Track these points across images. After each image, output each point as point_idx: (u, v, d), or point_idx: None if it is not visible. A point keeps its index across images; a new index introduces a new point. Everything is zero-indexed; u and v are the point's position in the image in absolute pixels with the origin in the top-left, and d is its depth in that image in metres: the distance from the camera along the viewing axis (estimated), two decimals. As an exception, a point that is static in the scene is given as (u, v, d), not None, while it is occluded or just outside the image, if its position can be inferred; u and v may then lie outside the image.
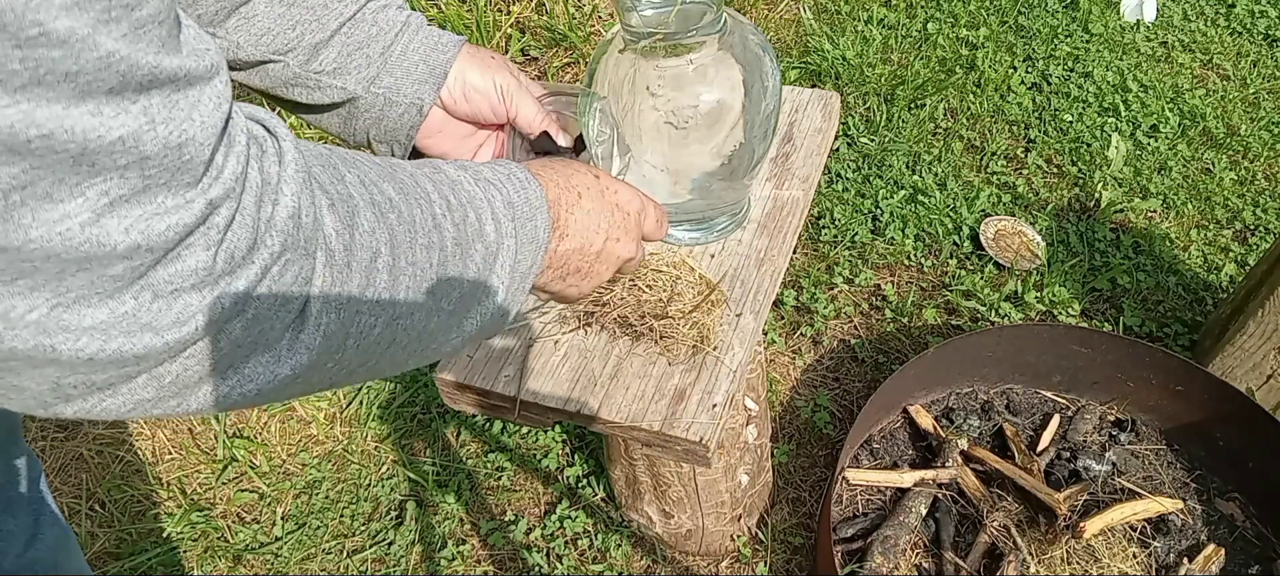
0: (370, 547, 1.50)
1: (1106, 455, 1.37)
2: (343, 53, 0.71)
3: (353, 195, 0.43)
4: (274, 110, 0.50)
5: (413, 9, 0.76)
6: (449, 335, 0.53)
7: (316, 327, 0.40)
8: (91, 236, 0.30)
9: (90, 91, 0.28)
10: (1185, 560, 1.25)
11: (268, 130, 0.39)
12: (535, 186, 0.58)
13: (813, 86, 1.61)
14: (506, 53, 2.30)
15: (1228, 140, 2.03)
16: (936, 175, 1.99)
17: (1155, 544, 1.26)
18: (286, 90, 0.72)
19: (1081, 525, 1.23)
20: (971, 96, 2.18)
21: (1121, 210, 1.90)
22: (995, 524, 1.27)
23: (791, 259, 1.68)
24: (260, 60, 0.69)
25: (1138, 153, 2.03)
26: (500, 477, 1.57)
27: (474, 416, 1.64)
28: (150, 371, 0.35)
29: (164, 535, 1.54)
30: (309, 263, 0.39)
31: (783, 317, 1.76)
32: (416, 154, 0.78)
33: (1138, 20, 2.38)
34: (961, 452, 1.36)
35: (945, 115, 2.16)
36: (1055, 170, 2.02)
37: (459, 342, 0.54)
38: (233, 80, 0.58)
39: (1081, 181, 1.98)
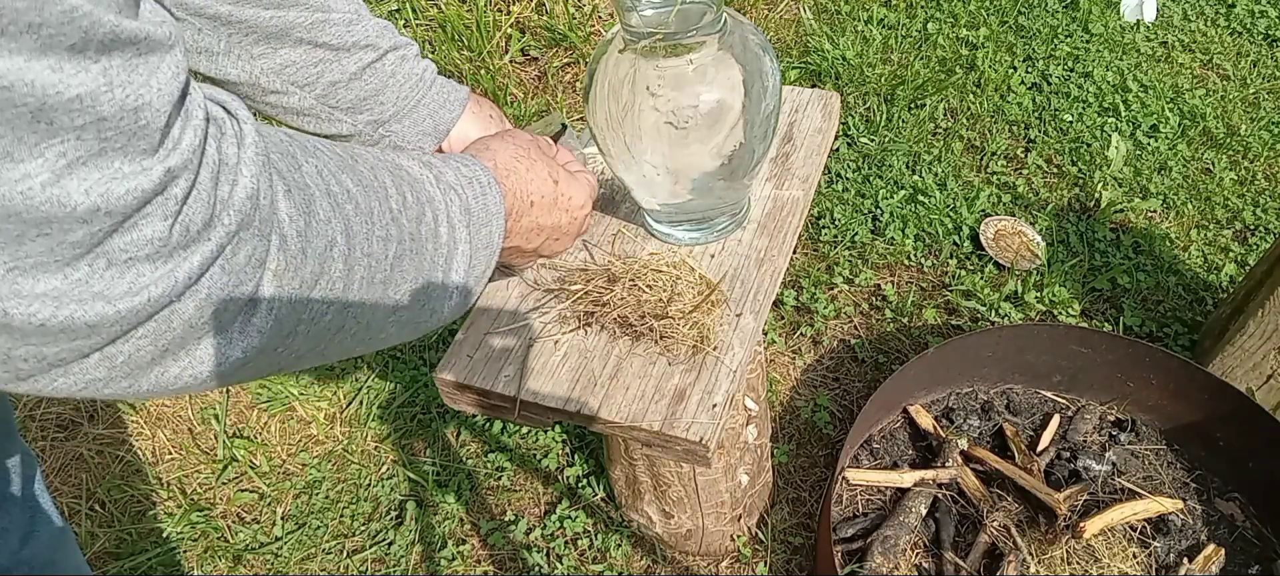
0: (370, 547, 1.50)
1: (1106, 455, 1.37)
2: (359, 95, 0.76)
3: (309, 184, 0.43)
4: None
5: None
6: (399, 327, 0.54)
7: (269, 312, 0.41)
8: (52, 196, 0.30)
9: (51, 46, 0.28)
10: (1185, 560, 1.25)
11: (227, 111, 0.39)
12: (495, 193, 0.60)
13: (813, 86, 1.61)
14: (506, 53, 2.30)
15: (1228, 140, 2.03)
16: (936, 175, 1.99)
17: (1155, 544, 1.26)
18: (295, 119, 0.76)
19: (1081, 525, 1.23)
20: (971, 96, 2.18)
21: (1121, 210, 1.90)
22: (995, 524, 1.27)
23: (791, 259, 1.68)
24: (275, 90, 0.73)
25: (1138, 153, 2.03)
26: (500, 477, 1.57)
27: (474, 416, 1.64)
28: (102, 350, 0.35)
29: (164, 535, 1.54)
30: (263, 245, 0.39)
31: (783, 317, 1.76)
32: None
33: (1138, 20, 2.38)
34: (961, 452, 1.36)
35: (945, 115, 2.16)
36: (1055, 170, 2.02)
37: (407, 335, 0.56)
38: (250, 107, 0.61)
39: (1081, 181, 1.98)
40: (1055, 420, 1.42)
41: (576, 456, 1.57)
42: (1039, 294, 1.74)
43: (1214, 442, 1.35)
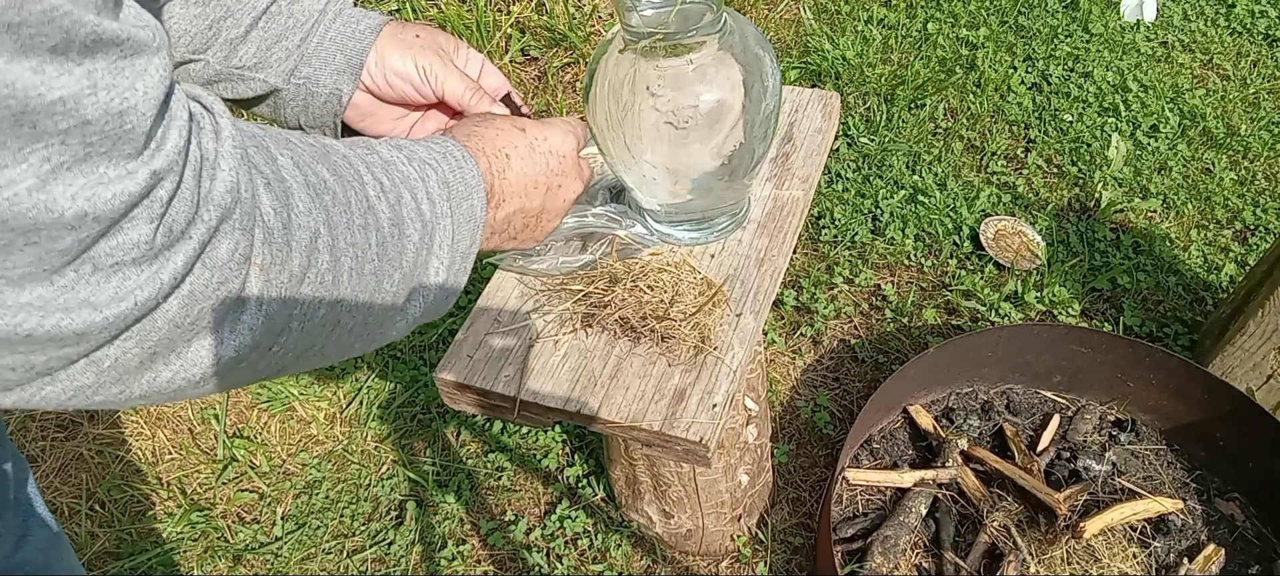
0: (370, 547, 1.50)
1: (1106, 455, 1.37)
2: (261, 47, 0.71)
3: (286, 177, 0.42)
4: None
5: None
6: (393, 318, 0.53)
7: (259, 308, 0.40)
8: (39, 202, 0.29)
9: (32, 47, 0.28)
10: (1185, 560, 1.25)
11: (204, 106, 0.39)
12: (470, 164, 0.58)
13: (813, 86, 1.61)
14: (506, 53, 2.31)
15: (1228, 140, 2.03)
16: (936, 175, 1.99)
17: (1155, 544, 1.26)
18: (211, 88, 0.72)
19: (1081, 525, 1.23)
20: (971, 96, 2.18)
21: (1121, 210, 1.90)
22: (995, 524, 1.27)
23: (791, 259, 1.68)
24: (181, 61, 0.70)
25: (1138, 153, 2.03)
26: (500, 477, 1.57)
27: (474, 416, 1.64)
28: (89, 356, 0.34)
29: (164, 535, 1.54)
30: (247, 239, 0.38)
31: (783, 318, 1.76)
32: (350, 134, 0.78)
33: (1138, 20, 2.38)
34: (961, 452, 1.36)
35: (945, 115, 2.16)
36: (1055, 170, 2.02)
37: (403, 326, 0.54)
38: None
39: (1081, 181, 1.98)
40: (1055, 420, 1.42)
41: (576, 456, 1.57)
42: (1039, 294, 1.74)
43: (1214, 442, 1.35)
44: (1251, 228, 1.86)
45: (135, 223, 0.33)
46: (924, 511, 1.31)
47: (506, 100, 0.82)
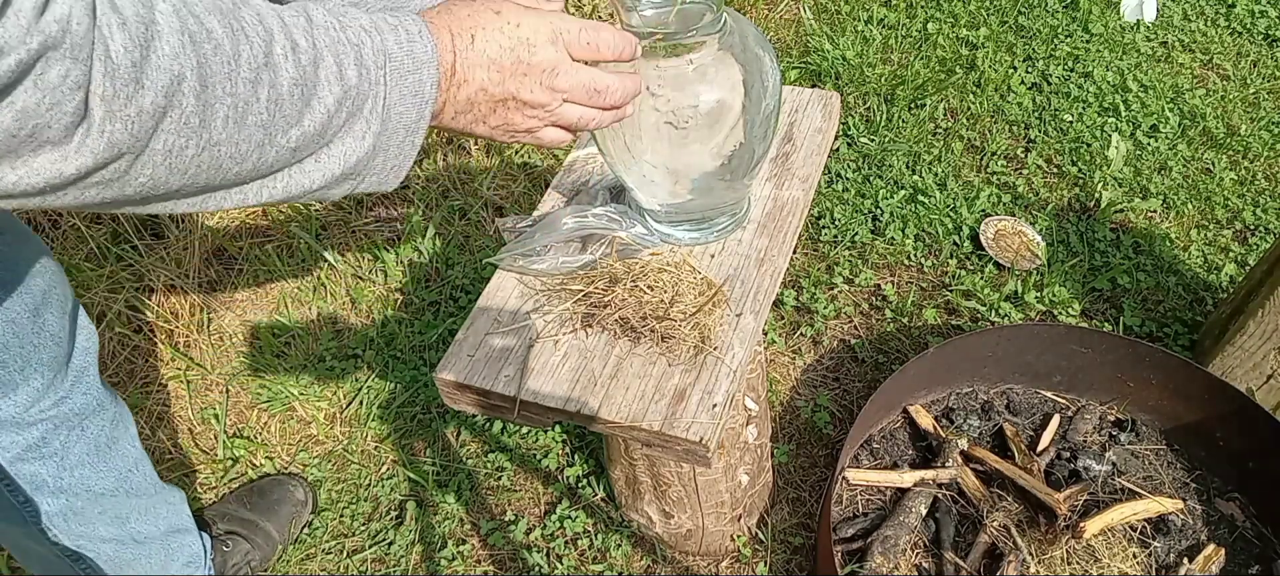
0: (370, 547, 1.50)
1: (1106, 455, 1.37)
2: None
3: (159, 21, 0.45)
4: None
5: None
6: (304, 169, 0.56)
7: (101, 133, 0.44)
8: None
9: None
10: (1185, 560, 1.25)
11: None
12: (424, 42, 0.60)
13: (813, 86, 1.61)
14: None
15: (1228, 140, 2.03)
16: (936, 175, 1.99)
17: (1155, 544, 1.26)
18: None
19: (1081, 525, 1.23)
20: (971, 96, 2.18)
21: (1121, 210, 1.90)
22: (995, 524, 1.27)
23: (791, 259, 1.68)
24: None
25: (1138, 153, 2.03)
26: (500, 477, 1.57)
27: (474, 416, 1.64)
28: None
29: (164, 535, 1.54)
30: (79, 68, 0.42)
31: (783, 318, 1.76)
32: None
33: (1138, 20, 2.38)
34: (961, 452, 1.36)
35: (945, 115, 2.16)
36: (1055, 170, 2.02)
37: (319, 177, 0.57)
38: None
39: (1081, 181, 1.98)
40: (1055, 420, 1.42)
41: (576, 456, 1.57)
42: (1039, 294, 1.74)
43: (1214, 442, 1.35)
44: (1251, 228, 1.86)
45: None
46: (924, 511, 1.31)
47: None
